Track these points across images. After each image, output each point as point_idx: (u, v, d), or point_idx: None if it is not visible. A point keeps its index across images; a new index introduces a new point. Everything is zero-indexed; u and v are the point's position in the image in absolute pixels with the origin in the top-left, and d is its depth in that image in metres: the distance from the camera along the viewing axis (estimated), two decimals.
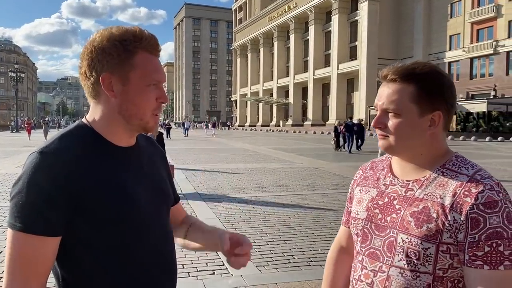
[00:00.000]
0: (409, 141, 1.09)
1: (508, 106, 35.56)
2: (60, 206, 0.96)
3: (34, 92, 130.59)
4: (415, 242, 1.03)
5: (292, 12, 67.14)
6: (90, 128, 1.08)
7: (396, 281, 1.06)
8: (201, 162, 15.12)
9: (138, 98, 1.05)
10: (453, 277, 1.03)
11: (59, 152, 0.99)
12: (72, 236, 1.00)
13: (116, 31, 1.05)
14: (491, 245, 0.95)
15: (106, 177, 1.03)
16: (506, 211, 0.97)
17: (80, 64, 1.07)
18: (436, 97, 1.07)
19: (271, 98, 73.45)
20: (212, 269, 4.32)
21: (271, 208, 7.28)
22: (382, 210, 1.13)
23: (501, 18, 41.02)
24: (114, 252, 1.03)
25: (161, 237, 1.15)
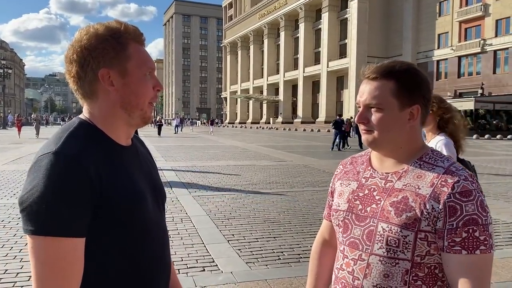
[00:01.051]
0: (390, 133, 1.14)
1: (495, 104, 36.07)
2: (85, 207, 0.94)
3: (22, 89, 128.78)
4: (395, 230, 1.08)
5: (282, 10, 67.10)
6: (93, 126, 1.06)
7: (376, 269, 1.11)
8: (191, 159, 15.08)
9: (139, 88, 1.06)
10: (429, 263, 1.08)
11: (75, 153, 0.96)
12: (89, 235, 0.98)
13: (100, 27, 1.04)
14: (468, 231, 1.02)
15: (119, 176, 1.03)
16: (479, 200, 1.04)
17: (68, 67, 1.05)
18: (414, 92, 1.14)
19: (261, 96, 73.42)
20: (202, 266, 4.32)
21: (261, 205, 7.30)
22: (362, 201, 1.18)
23: (489, 17, 41.48)
24: (125, 252, 1.03)
25: (161, 236, 1.17)
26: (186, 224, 5.98)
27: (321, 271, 1.42)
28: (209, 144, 24.49)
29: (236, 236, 5.44)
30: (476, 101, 35.85)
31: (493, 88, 40.13)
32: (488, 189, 9.30)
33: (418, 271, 1.09)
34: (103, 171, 0.99)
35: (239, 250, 4.86)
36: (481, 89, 40.55)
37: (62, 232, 0.91)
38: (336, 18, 57.20)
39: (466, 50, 43.42)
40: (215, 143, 25.09)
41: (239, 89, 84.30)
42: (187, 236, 5.38)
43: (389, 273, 1.10)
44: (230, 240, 5.23)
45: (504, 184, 10.01)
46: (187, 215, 6.50)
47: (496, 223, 6.29)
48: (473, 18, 42.93)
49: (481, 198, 1.04)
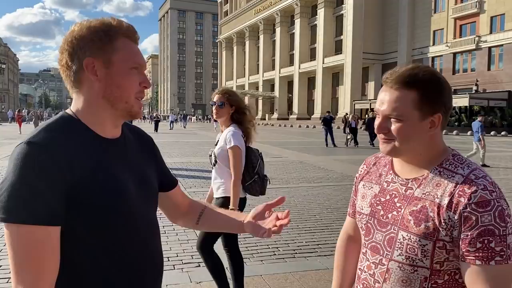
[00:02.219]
0: (410, 143, 1.14)
1: (489, 101, 36.26)
2: (56, 196, 0.95)
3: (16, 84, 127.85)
4: (414, 239, 1.10)
5: (278, 6, 66.96)
6: (75, 118, 1.08)
7: (395, 274, 1.14)
8: (187, 155, 15.07)
9: (122, 80, 1.07)
10: (449, 269, 1.10)
11: (47, 143, 0.98)
12: (65, 227, 0.99)
13: (93, 21, 1.09)
14: (483, 241, 1.01)
15: (95, 167, 1.03)
16: (498, 210, 1.02)
17: (60, 57, 1.08)
18: (437, 102, 1.12)
19: (257, 92, 73.35)
20: (197, 262, 4.32)
21: (256, 201, 7.29)
22: (384, 207, 1.20)
23: (484, 14, 41.62)
24: (104, 244, 1.04)
25: (148, 230, 1.16)
26: None
27: (348, 266, 1.45)
28: (205, 140, 24.46)
29: None
30: (470, 97, 36.02)
31: (487, 85, 40.33)
32: None
33: (437, 278, 1.10)
34: (77, 162, 1.00)
35: None
36: (475, 86, 40.74)
37: (31, 219, 0.92)
38: (331, 14, 57.17)
39: (461, 46, 43.58)
40: (211, 139, 25.05)
41: (235, 85, 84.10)
42: (182, 232, 5.38)
43: (407, 280, 1.12)
44: None
45: (498, 181, 9.97)
46: None
47: None
48: (468, 15, 43.07)
49: (500, 208, 1.02)
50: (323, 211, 6.65)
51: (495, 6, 40.57)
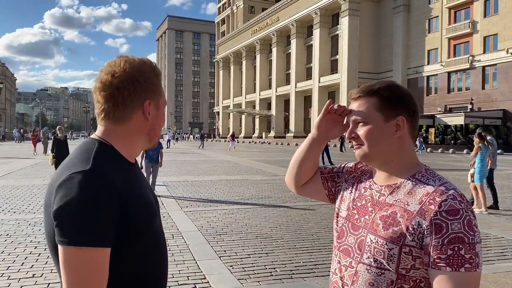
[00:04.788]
0: (378, 145, 1.20)
1: (484, 119, 36.51)
2: (113, 221, 1.03)
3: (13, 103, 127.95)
4: (381, 243, 1.13)
5: (274, 26, 67.87)
6: (110, 145, 1.16)
7: (362, 277, 1.17)
8: (183, 174, 15.01)
9: (162, 121, 1.23)
10: (415, 276, 1.12)
11: (105, 171, 1.06)
12: (113, 247, 1.06)
13: (139, 62, 1.17)
14: (453, 248, 1.04)
15: (136, 191, 1.13)
16: (467, 219, 1.06)
17: (112, 92, 1.12)
18: (397, 105, 1.20)
19: (254, 110, 73.67)
20: (193, 283, 4.26)
21: (253, 221, 7.26)
22: (359, 211, 1.24)
23: (477, 34, 42.27)
24: (142, 260, 1.13)
25: (165, 244, 1.28)
26: (177, 240, 5.91)
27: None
28: (201, 158, 24.42)
29: (228, 252, 5.39)
30: (466, 116, 36.28)
31: (482, 103, 40.67)
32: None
33: (403, 283, 1.12)
34: (125, 187, 1.08)
35: (231, 266, 4.81)
36: (470, 104, 41.09)
37: (95, 242, 0.99)
38: (327, 35, 57.95)
39: (455, 66, 44.10)
40: (207, 158, 25.02)
41: (232, 103, 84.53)
42: (178, 253, 5.32)
43: (374, 282, 1.15)
44: (222, 256, 5.18)
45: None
46: (179, 231, 6.44)
47: (487, 237, 6.30)
48: (462, 35, 43.72)
49: (469, 218, 1.06)
50: (320, 231, 6.60)
51: (487, 26, 41.26)
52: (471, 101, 41.15)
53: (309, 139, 1.42)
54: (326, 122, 1.36)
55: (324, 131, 1.37)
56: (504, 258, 5.29)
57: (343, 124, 1.33)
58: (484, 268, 4.84)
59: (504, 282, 4.35)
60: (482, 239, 6.16)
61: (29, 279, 4.32)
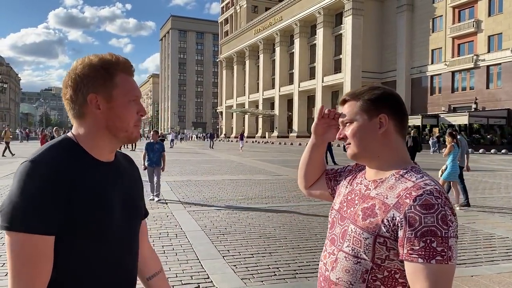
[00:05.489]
0: (364, 142, 1.29)
1: (488, 119, 36.38)
2: (53, 209, 1.05)
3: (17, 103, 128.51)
4: (359, 232, 1.21)
5: (277, 26, 67.84)
6: (76, 142, 1.19)
7: (340, 263, 1.24)
8: (186, 174, 15.03)
9: (122, 112, 1.20)
10: (390, 267, 1.17)
11: (50, 161, 1.09)
12: (58, 239, 1.08)
13: (94, 59, 1.20)
14: (426, 241, 1.08)
15: (89, 187, 1.13)
16: (442, 213, 1.09)
17: (64, 91, 1.21)
18: (379, 104, 1.28)
19: (257, 110, 73.68)
20: (197, 282, 4.27)
21: (257, 220, 7.26)
22: (348, 204, 1.32)
23: (481, 33, 42.09)
24: (87, 260, 1.13)
25: (126, 250, 1.25)
26: (181, 240, 5.92)
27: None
28: (205, 158, 24.45)
29: (231, 251, 5.39)
30: (470, 115, 36.15)
31: (486, 103, 40.51)
32: (483, 203, 9.31)
33: (377, 273, 1.18)
34: (74, 180, 1.10)
35: (235, 266, 4.81)
36: (474, 104, 40.93)
37: (32, 229, 1.03)
38: (330, 34, 57.86)
39: (459, 65, 43.93)
40: (210, 158, 25.05)
41: (235, 103, 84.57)
42: (182, 252, 5.33)
43: (350, 270, 1.22)
44: (225, 256, 5.18)
45: (499, 199, 10.03)
46: (182, 231, 6.45)
47: (492, 237, 6.28)
48: (466, 34, 43.55)
49: (444, 213, 1.09)
50: (324, 231, 6.59)
51: (492, 25, 41.08)
52: (475, 101, 41.00)
53: (310, 144, 1.56)
54: (322, 127, 1.49)
55: (320, 135, 1.50)
56: (509, 259, 5.26)
57: (337, 126, 1.44)
58: (489, 268, 4.82)
59: (509, 282, 4.33)
60: (486, 239, 6.15)
61: None
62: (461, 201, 8.89)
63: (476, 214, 8.05)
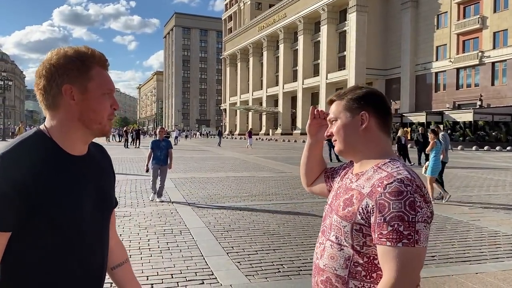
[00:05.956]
0: (347, 138, 1.38)
1: (493, 116, 36.15)
2: (14, 205, 1.06)
3: (22, 100, 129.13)
4: (339, 221, 1.30)
5: (281, 22, 67.69)
6: (48, 136, 1.19)
7: (327, 251, 1.34)
8: (190, 171, 15.06)
9: (96, 104, 1.20)
10: (369, 253, 1.26)
11: (17, 157, 1.10)
12: (17, 235, 1.09)
13: (69, 50, 1.21)
14: (393, 225, 1.16)
15: (57, 182, 1.14)
16: (410, 200, 1.17)
17: (37, 81, 1.20)
18: (361, 102, 1.37)
19: (261, 107, 73.65)
20: (201, 279, 4.28)
21: (261, 217, 7.27)
22: (335, 197, 1.41)
23: (486, 29, 41.84)
24: (51, 255, 1.13)
25: (97, 246, 1.26)
26: (185, 236, 5.94)
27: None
28: (208, 155, 24.48)
29: (235, 248, 5.40)
30: (475, 112, 35.93)
31: (491, 100, 40.29)
32: (488, 200, 9.28)
33: (358, 259, 1.27)
34: (41, 175, 1.11)
35: (239, 262, 4.82)
36: (479, 101, 40.71)
37: None
38: (335, 31, 57.67)
39: (464, 62, 43.71)
40: (214, 155, 25.07)
41: (239, 100, 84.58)
42: (186, 249, 5.35)
43: (335, 256, 1.31)
44: (230, 253, 5.19)
45: (504, 196, 9.98)
46: (186, 227, 6.47)
47: (497, 235, 6.26)
48: (471, 31, 43.31)
49: (411, 199, 1.17)
50: None
51: (497, 21, 40.82)
52: (480, 98, 40.79)
53: (307, 144, 1.67)
54: (314, 127, 1.62)
55: (314, 134, 1.63)
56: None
57: (328, 125, 1.51)
58: (493, 265, 4.80)
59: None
60: (491, 237, 6.12)
61: None
62: (437, 195, 9.16)
63: (481, 212, 8.02)
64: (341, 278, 1.28)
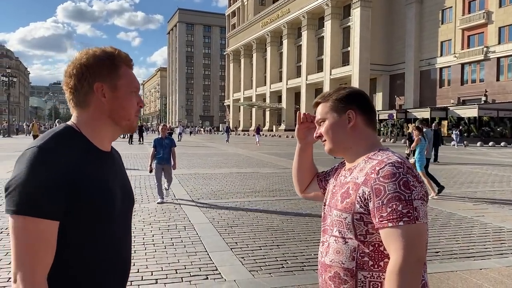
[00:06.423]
0: (336, 136, 1.43)
1: (498, 112, 35.94)
2: (59, 195, 1.08)
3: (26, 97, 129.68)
4: (339, 214, 1.33)
5: (285, 18, 67.46)
6: (78, 130, 1.23)
7: (332, 247, 1.36)
8: (194, 167, 15.09)
9: (125, 102, 1.27)
10: (373, 241, 1.27)
11: (55, 147, 1.13)
12: (61, 226, 1.11)
13: (97, 50, 1.26)
14: (392, 206, 1.19)
15: (93, 174, 1.18)
16: (403, 180, 1.21)
17: (67, 80, 1.25)
18: (346, 101, 1.43)
19: (264, 103, 73.56)
20: (205, 274, 4.30)
21: (264, 213, 7.28)
22: (332, 195, 1.44)
23: (492, 24, 41.54)
24: (87, 244, 1.16)
25: (124, 238, 1.30)
26: (189, 232, 5.97)
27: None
28: (212, 151, 24.51)
29: (239, 244, 5.42)
30: (479, 108, 35.74)
31: (496, 95, 40.06)
32: (493, 196, 9.25)
33: (364, 248, 1.28)
34: (79, 166, 1.14)
35: (242, 258, 4.84)
36: (484, 96, 40.48)
37: (37, 213, 1.06)
38: (338, 26, 57.40)
39: (469, 57, 43.43)
40: (218, 151, 25.10)
41: (242, 97, 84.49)
42: (190, 244, 5.37)
43: (340, 250, 1.32)
44: (233, 248, 5.21)
45: (509, 192, 9.95)
46: (190, 223, 6.49)
47: (501, 231, 6.24)
48: (476, 26, 43.01)
49: (405, 179, 1.21)
50: None
51: (503, 16, 40.50)
52: (485, 93, 40.54)
53: (297, 149, 1.70)
54: (302, 131, 1.65)
55: (303, 138, 1.66)
56: None
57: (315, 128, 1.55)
58: (498, 261, 4.80)
59: None
60: (496, 233, 6.11)
61: None
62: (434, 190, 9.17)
63: (485, 207, 8.00)
64: (349, 271, 1.29)
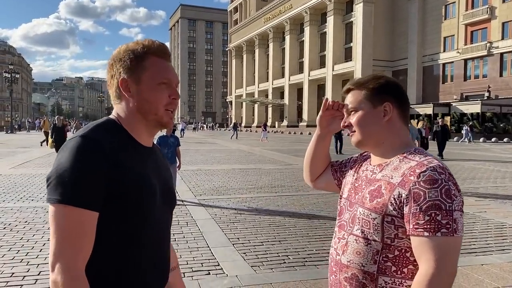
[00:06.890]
0: (367, 128, 1.33)
1: (501, 107, 35.83)
2: (99, 185, 1.07)
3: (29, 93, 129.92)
4: (367, 214, 1.24)
5: (287, 14, 67.24)
6: (119, 123, 1.22)
7: (351, 246, 1.27)
8: (196, 163, 15.12)
9: (150, 95, 1.20)
10: (400, 246, 1.20)
11: (98, 137, 1.12)
12: (100, 217, 1.09)
13: (130, 43, 1.24)
14: (430, 215, 1.11)
15: (134, 167, 1.16)
16: (445, 188, 1.13)
17: (107, 76, 1.26)
18: (383, 92, 1.32)
19: (266, 99, 73.47)
20: (207, 270, 4.32)
21: (266, 209, 7.30)
22: (355, 190, 1.36)
23: (495, 20, 41.30)
24: (131, 238, 1.14)
25: (163, 236, 1.28)
26: (191, 228, 5.99)
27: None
28: (214, 148, 24.53)
29: (241, 239, 5.44)
30: (482, 104, 35.64)
31: (500, 91, 39.88)
32: (495, 192, 9.24)
33: (388, 253, 1.20)
34: (120, 158, 1.12)
35: (244, 253, 4.86)
36: (487, 92, 40.32)
37: (79, 203, 1.05)
38: (341, 22, 57.20)
39: (472, 53, 43.23)
40: (220, 147, 25.12)
41: (245, 93, 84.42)
42: (192, 240, 5.39)
43: (361, 251, 1.24)
44: (235, 244, 5.23)
45: (511, 188, 9.93)
46: (193, 219, 6.51)
47: (503, 226, 6.24)
48: (479, 21, 42.76)
49: (447, 187, 1.13)
50: (333, 219, 6.60)
51: (506, 12, 40.25)
52: (488, 89, 40.38)
53: (315, 136, 1.59)
54: (326, 118, 1.52)
55: (325, 126, 1.54)
56: None
57: (342, 117, 1.45)
58: (499, 257, 4.80)
59: None
60: (497, 228, 6.11)
61: (47, 265, 4.42)
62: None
63: (487, 203, 7.99)
64: (370, 275, 1.22)
